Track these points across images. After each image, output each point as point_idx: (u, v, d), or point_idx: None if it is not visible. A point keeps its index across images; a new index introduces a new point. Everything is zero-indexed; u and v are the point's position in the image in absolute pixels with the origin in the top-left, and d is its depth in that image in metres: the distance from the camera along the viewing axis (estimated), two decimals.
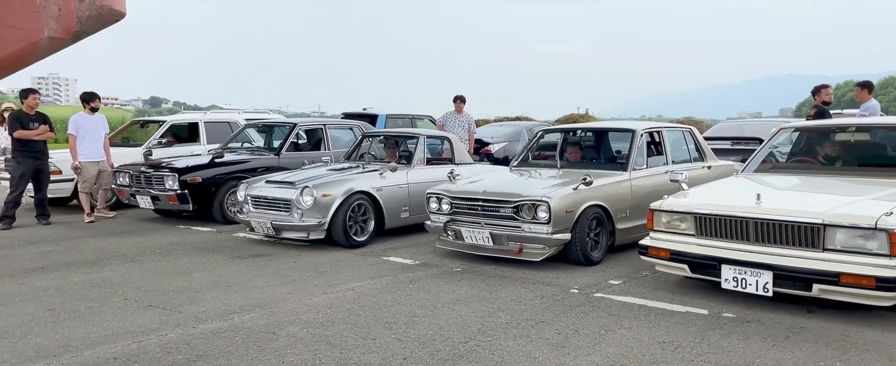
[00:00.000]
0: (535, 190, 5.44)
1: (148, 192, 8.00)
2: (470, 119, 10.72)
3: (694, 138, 6.99)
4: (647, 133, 6.49)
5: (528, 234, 5.32)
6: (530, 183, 5.89)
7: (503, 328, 3.88)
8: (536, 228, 5.27)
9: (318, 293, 4.77)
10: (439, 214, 5.93)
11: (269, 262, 5.87)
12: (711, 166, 6.90)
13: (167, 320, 4.13)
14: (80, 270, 5.59)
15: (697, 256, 4.21)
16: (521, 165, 6.85)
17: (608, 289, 4.75)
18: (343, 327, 3.96)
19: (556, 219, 5.20)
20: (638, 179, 6.01)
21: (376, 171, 7.00)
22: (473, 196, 5.67)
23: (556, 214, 5.18)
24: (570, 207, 5.30)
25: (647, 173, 6.14)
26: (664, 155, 6.52)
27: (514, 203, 5.36)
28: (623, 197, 5.82)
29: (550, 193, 5.30)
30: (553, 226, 5.20)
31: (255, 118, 11.44)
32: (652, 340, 3.59)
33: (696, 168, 6.62)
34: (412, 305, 4.42)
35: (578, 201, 5.38)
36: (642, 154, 6.25)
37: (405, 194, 7.04)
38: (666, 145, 6.55)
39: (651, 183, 6.10)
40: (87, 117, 8.43)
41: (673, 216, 4.45)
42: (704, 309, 4.15)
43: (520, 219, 5.34)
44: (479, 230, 5.56)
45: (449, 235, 5.83)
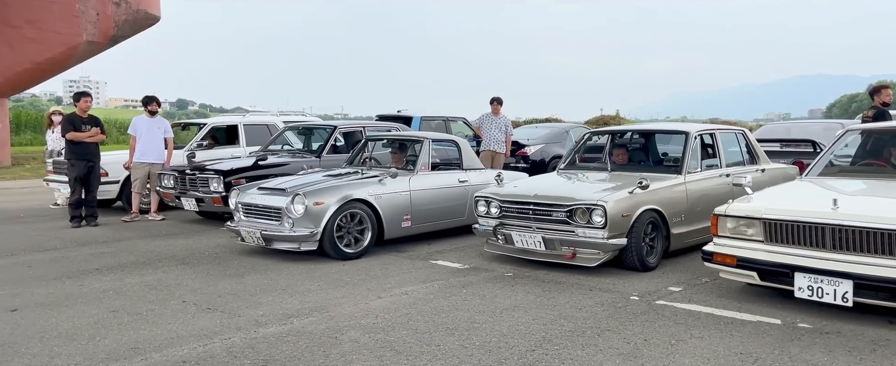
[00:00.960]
0: (588, 193, 5.33)
1: (193, 194, 8.06)
2: (507, 121, 10.64)
3: (746, 140, 6.82)
4: (701, 135, 6.34)
5: (582, 238, 5.21)
6: (582, 186, 5.78)
7: (568, 336, 3.80)
8: (591, 232, 5.16)
9: (373, 298, 4.74)
10: (488, 218, 5.85)
11: (318, 265, 5.86)
12: (765, 169, 6.73)
13: (228, 324, 4.13)
14: (135, 271, 5.64)
15: (768, 264, 4.08)
16: (568, 168, 6.74)
17: (669, 296, 4.64)
18: (404, 333, 3.91)
19: (612, 223, 5.08)
20: (692, 182, 5.87)
21: (376, 177, 6.59)
22: (524, 199, 5.57)
23: (611, 218, 5.07)
24: (625, 212, 5.19)
25: (702, 177, 6.00)
26: (718, 157, 6.35)
27: (568, 207, 5.26)
28: (678, 201, 5.68)
29: (606, 196, 5.18)
30: (609, 230, 5.09)
31: (293, 121, 11.51)
32: (728, 351, 3.48)
33: (749, 171, 6.40)
34: (470, 310, 4.37)
35: (634, 205, 5.26)
36: (696, 157, 6.10)
37: (407, 202, 6.57)
38: (719, 147, 6.38)
39: (706, 187, 5.96)
40: (145, 120, 8.60)
41: (740, 221, 4.33)
42: (776, 319, 4.02)
43: (573, 223, 5.23)
44: (531, 234, 5.45)
45: (499, 238, 5.74)
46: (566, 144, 11.91)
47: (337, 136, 9.21)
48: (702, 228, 5.79)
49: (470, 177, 7.30)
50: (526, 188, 5.84)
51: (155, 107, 8.77)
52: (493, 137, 10.45)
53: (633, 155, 6.80)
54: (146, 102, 8.75)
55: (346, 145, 9.40)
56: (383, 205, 6.34)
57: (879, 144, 5.30)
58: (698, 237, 5.80)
